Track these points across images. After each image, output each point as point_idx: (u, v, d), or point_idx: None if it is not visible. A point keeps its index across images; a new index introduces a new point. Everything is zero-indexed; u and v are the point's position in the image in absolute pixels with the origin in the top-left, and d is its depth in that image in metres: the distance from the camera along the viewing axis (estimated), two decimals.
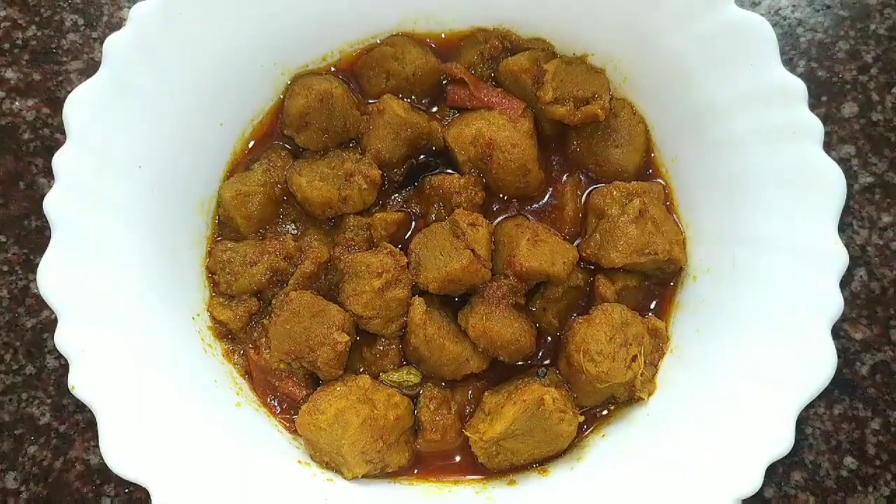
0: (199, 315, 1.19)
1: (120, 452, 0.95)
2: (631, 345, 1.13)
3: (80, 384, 0.96)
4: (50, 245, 1.02)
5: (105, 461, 0.94)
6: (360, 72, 1.29)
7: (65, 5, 1.47)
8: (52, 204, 1.02)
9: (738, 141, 1.11)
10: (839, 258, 1.01)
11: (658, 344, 1.18)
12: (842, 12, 1.46)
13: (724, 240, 1.15)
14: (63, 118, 1.05)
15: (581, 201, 1.26)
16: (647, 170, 1.27)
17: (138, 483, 0.95)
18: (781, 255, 1.06)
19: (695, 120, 1.17)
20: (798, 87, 1.05)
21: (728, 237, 1.14)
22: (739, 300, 1.09)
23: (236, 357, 1.20)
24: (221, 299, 1.21)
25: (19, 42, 1.45)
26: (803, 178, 1.04)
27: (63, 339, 0.98)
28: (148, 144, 1.13)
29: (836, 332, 1.04)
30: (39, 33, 1.45)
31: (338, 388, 1.13)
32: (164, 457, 0.98)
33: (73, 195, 1.03)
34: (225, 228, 1.25)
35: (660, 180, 1.26)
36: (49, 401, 1.28)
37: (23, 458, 1.25)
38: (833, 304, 1.00)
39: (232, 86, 1.21)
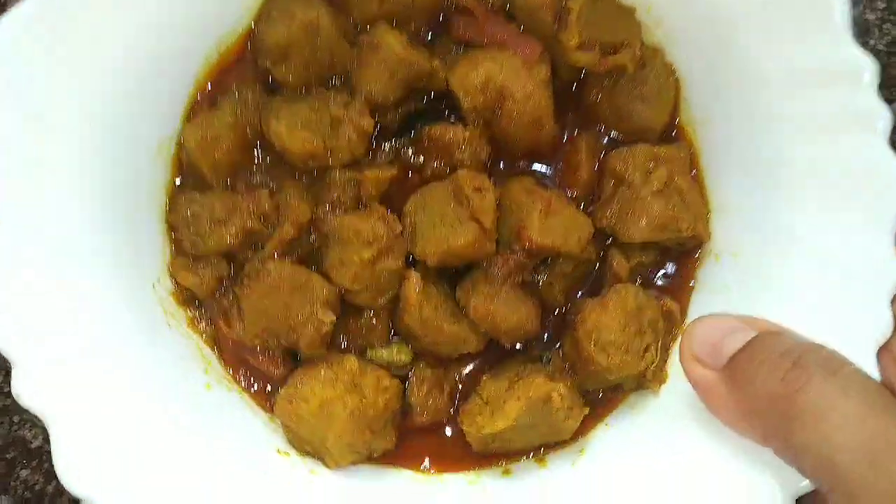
0: (158, 281, 1.03)
1: (75, 466, 0.82)
2: (645, 332, 1.03)
3: (27, 391, 0.82)
4: None
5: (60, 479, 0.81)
6: None
7: None
8: None
9: (785, 119, 0.96)
10: (893, 274, 0.88)
11: (670, 327, 1.08)
12: None
13: (753, 227, 1.02)
14: None
15: (597, 163, 1.12)
16: (672, 130, 1.13)
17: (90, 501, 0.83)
18: (821, 262, 0.94)
19: (736, 84, 1.00)
20: (868, 68, 0.88)
21: (758, 226, 1.01)
22: (769, 308, 0.93)
23: (203, 325, 1.06)
24: (185, 260, 1.05)
25: None
26: (859, 174, 0.90)
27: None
28: (92, 77, 0.92)
29: None
30: None
31: (322, 373, 1.00)
32: (125, 468, 0.86)
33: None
34: (187, 176, 1.07)
35: (685, 143, 1.11)
36: (41, 423, 1.15)
37: (14, 482, 1.17)
38: (881, 325, 0.87)
39: (193, 4, 0.99)
